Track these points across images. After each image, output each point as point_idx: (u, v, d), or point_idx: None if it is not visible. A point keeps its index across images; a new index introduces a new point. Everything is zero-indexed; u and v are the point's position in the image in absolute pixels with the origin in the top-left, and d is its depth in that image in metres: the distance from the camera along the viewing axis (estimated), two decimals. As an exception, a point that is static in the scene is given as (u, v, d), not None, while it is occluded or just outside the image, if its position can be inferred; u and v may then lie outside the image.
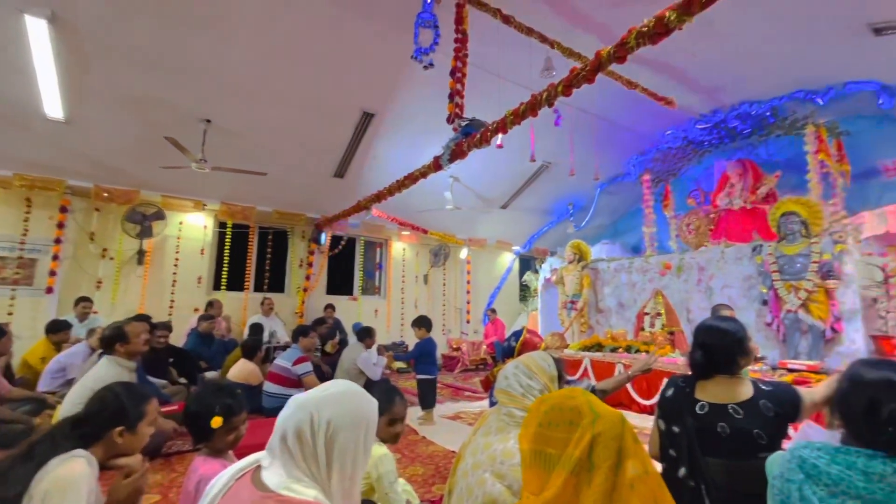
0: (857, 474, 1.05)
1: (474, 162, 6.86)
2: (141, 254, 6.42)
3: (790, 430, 1.63)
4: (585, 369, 5.54)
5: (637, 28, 2.37)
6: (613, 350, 5.41)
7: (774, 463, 1.27)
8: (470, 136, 3.79)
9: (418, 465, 3.24)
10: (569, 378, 1.70)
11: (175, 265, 6.77)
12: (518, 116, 3.27)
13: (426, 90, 5.28)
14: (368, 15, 4.42)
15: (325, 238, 7.95)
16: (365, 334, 5.11)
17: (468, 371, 8.21)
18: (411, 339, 8.20)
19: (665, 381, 1.82)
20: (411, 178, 4.88)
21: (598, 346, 5.68)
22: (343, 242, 8.41)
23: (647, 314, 6.04)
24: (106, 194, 6.16)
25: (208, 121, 5.42)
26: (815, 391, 1.57)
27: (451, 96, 4.08)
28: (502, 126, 3.40)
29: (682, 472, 1.58)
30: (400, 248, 9.27)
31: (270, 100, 5.34)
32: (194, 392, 1.88)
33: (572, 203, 9.09)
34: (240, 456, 1.17)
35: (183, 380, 4.66)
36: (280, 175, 6.58)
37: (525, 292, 10.55)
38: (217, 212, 7.14)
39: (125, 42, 4.35)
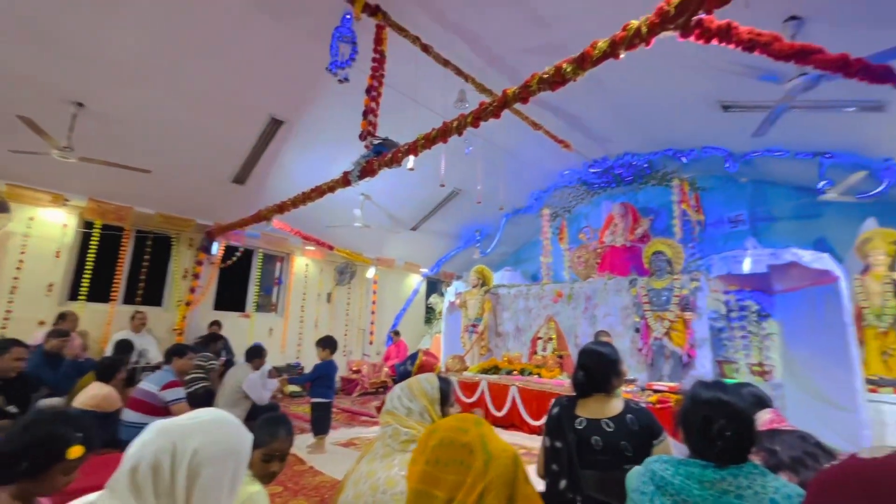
0: (693, 483, 1.19)
1: (386, 182, 6.87)
2: (-31, 252, 5.26)
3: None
4: (482, 392, 5.69)
5: (539, 74, 2.59)
6: (509, 373, 5.64)
7: (632, 477, 1.39)
8: (381, 154, 3.78)
9: (302, 499, 3.00)
10: (455, 401, 1.71)
11: (18, 268, 5.64)
12: (429, 141, 3.35)
13: (340, 104, 5.20)
14: (284, 19, 4.26)
15: (216, 248, 7.27)
16: (254, 354, 4.70)
17: (367, 394, 7.95)
18: (308, 361, 7.75)
19: (552, 401, 1.94)
20: (318, 192, 4.70)
21: (495, 369, 5.88)
22: (238, 254, 7.75)
23: (540, 338, 6.43)
24: (-75, 176, 4.98)
25: (80, 104, 4.71)
26: None
27: (364, 113, 4.06)
28: (413, 149, 3.46)
29: (562, 484, 1.68)
30: (303, 264, 8.81)
31: (163, 89, 4.82)
32: (23, 420, 1.51)
33: (479, 230, 9.48)
34: (68, 500, 0.97)
35: (13, 408, 3.82)
36: (168, 174, 5.92)
37: (430, 315, 10.63)
38: (83, 209, 6.15)
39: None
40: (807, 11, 3.28)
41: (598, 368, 1.80)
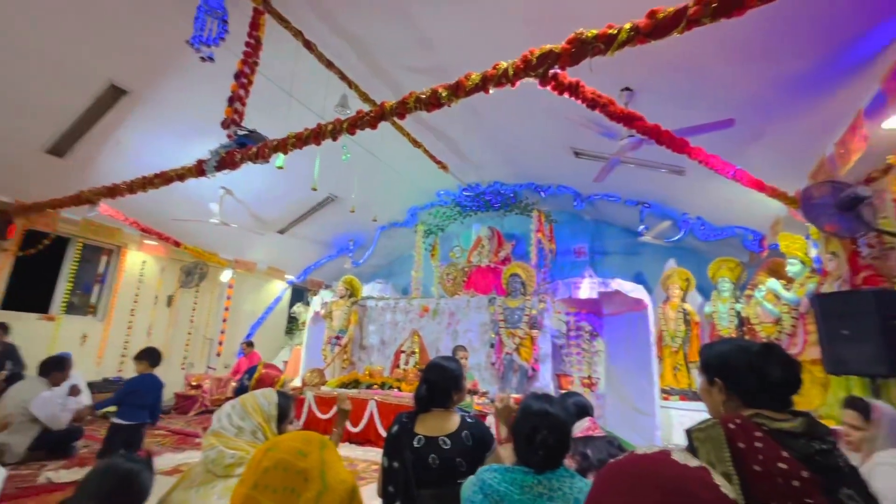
0: (515, 488, 1.29)
1: (253, 178, 6.33)
2: None
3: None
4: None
5: (417, 94, 2.67)
6: (369, 387, 5.54)
7: (466, 487, 1.45)
8: (246, 147, 3.46)
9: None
10: (294, 418, 1.60)
11: None
12: (301, 141, 3.17)
13: (202, 84, 4.65)
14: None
15: (14, 231, 5.78)
16: (52, 366, 3.82)
17: (208, 412, 7.02)
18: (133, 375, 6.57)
19: (394, 418, 1.91)
20: (165, 178, 4.07)
21: (356, 383, 5.73)
22: (47, 241, 6.26)
23: (403, 352, 6.48)
24: None
25: None
26: None
27: (230, 100, 3.69)
28: (283, 146, 3.24)
29: None
30: (138, 260, 7.52)
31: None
32: None
33: (353, 240, 9.28)
34: None
35: None
36: (-56, 130, 4.56)
37: (293, 325, 9.96)
38: None
39: None
40: (637, 85, 4.01)
41: (440, 383, 1.82)
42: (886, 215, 3.60)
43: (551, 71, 2.28)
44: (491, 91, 2.42)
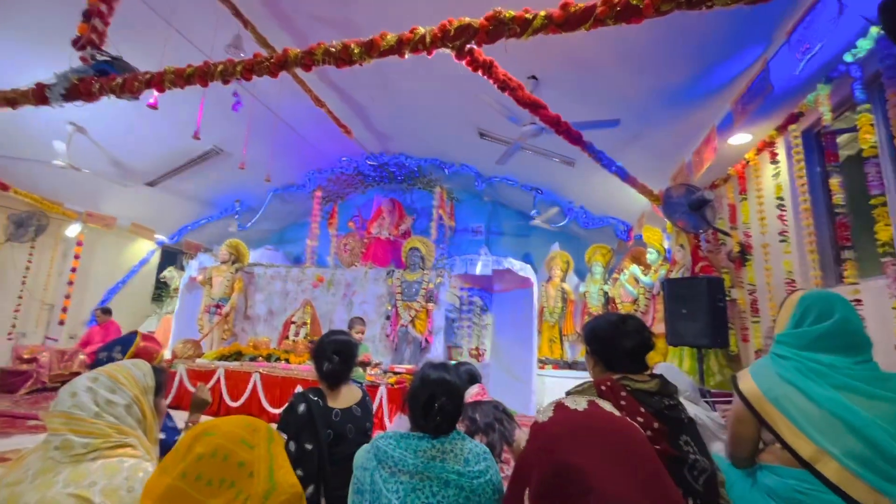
0: (410, 454, 1.32)
1: (118, 117, 5.41)
2: None
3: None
4: (218, 380, 5.04)
5: (326, 45, 2.47)
6: (253, 359, 5.19)
7: (359, 455, 1.45)
8: (107, 76, 2.87)
9: None
10: (166, 394, 1.42)
11: None
12: (182, 79, 2.73)
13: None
14: None
15: None
16: None
17: (45, 391, 5.95)
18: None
19: (293, 397, 1.82)
20: (-14, 101, 3.22)
21: (238, 355, 5.32)
22: None
23: (293, 323, 6.17)
24: None
25: None
26: None
27: (88, 14, 3.01)
28: (158, 82, 2.75)
29: (309, 490, 1.57)
30: (-56, 203, 5.94)
31: None
32: None
33: (240, 200, 8.44)
34: None
35: None
36: None
37: (162, 291, 8.83)
38: None
39: None
40: (542, 76, 4.22)
41: (350, 357, 1.86)
42: (722, 217, 4.37)
43: (468, 45, 2.27)
44: (406, 56, 2.34)
